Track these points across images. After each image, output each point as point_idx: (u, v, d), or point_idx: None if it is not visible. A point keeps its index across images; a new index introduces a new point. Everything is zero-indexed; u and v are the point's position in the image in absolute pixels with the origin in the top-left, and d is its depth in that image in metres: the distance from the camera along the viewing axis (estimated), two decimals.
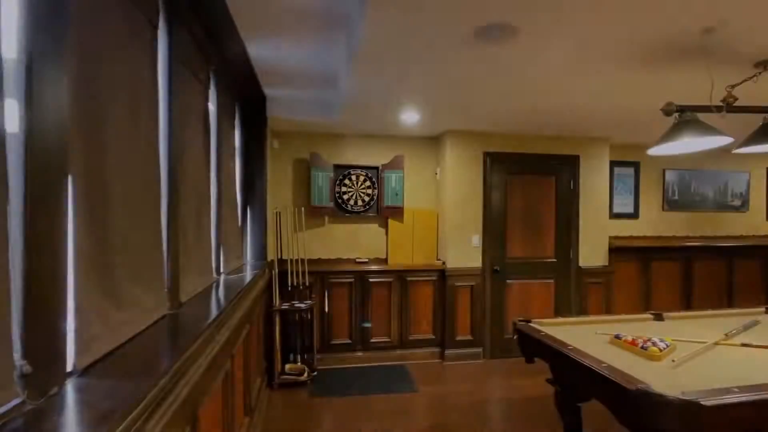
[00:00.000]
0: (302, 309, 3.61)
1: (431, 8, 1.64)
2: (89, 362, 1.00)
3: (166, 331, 1.41)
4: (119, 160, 1.21)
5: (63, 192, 0.91)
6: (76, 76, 0.99)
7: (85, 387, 0.89)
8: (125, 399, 0.84)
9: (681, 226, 5.05)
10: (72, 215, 0.95)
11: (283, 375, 3.46)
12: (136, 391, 0.89)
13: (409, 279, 4.09)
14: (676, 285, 4.74)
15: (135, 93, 1.32)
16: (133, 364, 1.07)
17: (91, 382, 0.92)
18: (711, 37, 1.88)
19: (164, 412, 1.01)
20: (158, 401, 1.00)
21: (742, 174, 5.20)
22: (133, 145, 1.30)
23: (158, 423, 0.95)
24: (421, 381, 3.59)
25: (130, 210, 1.28)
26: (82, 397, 0.85)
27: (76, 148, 0.97)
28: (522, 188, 4.23)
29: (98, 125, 1.09)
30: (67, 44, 0.95)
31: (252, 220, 3.38)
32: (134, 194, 1.31)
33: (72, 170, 0.95)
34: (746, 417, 1.46)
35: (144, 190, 1.38)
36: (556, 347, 2.04)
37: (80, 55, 1.02)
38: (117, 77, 1.20)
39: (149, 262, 1.41)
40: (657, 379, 1.58)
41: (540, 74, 2.41)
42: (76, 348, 0.95)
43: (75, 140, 0.97)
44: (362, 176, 4.24)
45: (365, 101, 3.02)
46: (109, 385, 0.91)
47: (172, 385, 1.09)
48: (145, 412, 0.90)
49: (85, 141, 1.02)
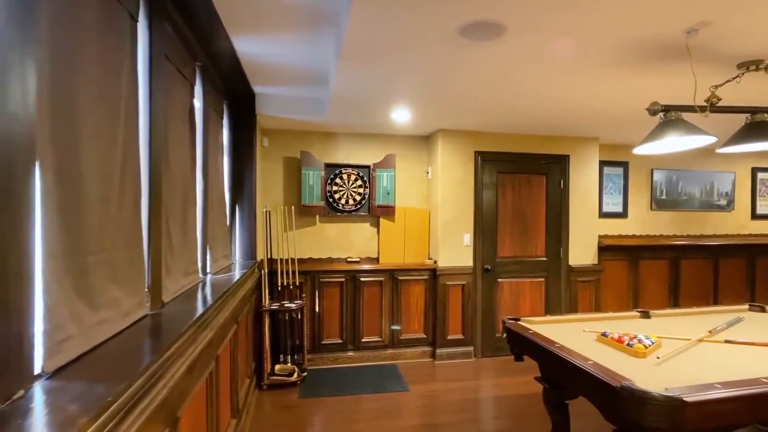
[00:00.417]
0: (292, 309, 3.58)
1: (416, 4, 1.63)
2: (60, 364, 0.97)
3: (146, 331, 1.38)
4: (94, 154, 1.17)
5: (29, 187, 0.88)
6: (45, 66, 0.96)
7: (54, 390, 0.87)
8: (95, 402, 0.82)
9: (668, 225, 5.11)
10: (41, 212, 0.92)
11: (272, 376, 3.43)
12: (107, 394, 0.86)
13: (401, 278, 4.08)
14: (663, 283, 4.79)
15: (112, 86, 1.29)
16: (108, 365, 1.04)
17: (60, 385, 0.89)
18: (695, 38, 1.89)
19: (139, 414, 0.99)
20: (132, 403, 0.97)
21: (728, 174, 5.27)
22: (110, 139, 1.27)
23: (132, 425, 0.93)
24: (413, 380, 3.58)
25: (108, 208, 1.25)
26: (50, 399, 0.82)
27: (44, 142, 0.94)
28: (513, 187, 4.24)
29: (70, 118, 1.06)
30: (36, 33, 0.92)
31: (241, 219, 3.35)
32: (112, 191, 1.28)
33: (40, 164, 0.93)
34: (728, 412, 1.47)
35: (122, 186, 1.35)
36: (543, 345, 2.04)
37: (50, 44, 0.99)
38: (92, 70, 1.17)
39: (128, 261, 1.38)
40: (641, 376, 1.58)
41: (528, 74, 2.41)
42: (46, 350, 0.92)
43: (43, 133, 0.94)
44: (353, 175, 4.22)
45: (354, 99, 3.00)
46: (80, 388, 0.88)
47: (148, 387, 1.06)
48: (117, 414, 0.87)
49: (55, 134, 0.99)
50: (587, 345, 2.04)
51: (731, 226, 5.30)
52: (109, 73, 1.27)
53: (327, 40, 2.30)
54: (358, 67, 2.34)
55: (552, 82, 2.56)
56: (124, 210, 1.36)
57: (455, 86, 2.68)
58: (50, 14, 0.99)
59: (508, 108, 3.22)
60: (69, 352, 1.01)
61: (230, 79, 2.91)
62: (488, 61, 2.23)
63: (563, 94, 2.84)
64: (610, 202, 4.91)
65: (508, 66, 2.30)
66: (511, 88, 2.72)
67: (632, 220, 4.99)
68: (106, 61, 1.26)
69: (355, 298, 4.00)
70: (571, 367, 1.79)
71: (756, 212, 5.38)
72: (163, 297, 1.67)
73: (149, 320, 1.49)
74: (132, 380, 0.98)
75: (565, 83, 2.59)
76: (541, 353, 2.09)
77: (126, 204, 1.38)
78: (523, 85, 2.65)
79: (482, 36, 1.91)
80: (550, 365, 2.10)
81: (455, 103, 3.12)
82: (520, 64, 2.26)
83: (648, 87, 2.63)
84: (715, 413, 1.46)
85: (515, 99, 2.97)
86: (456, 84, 2.63)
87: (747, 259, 5.04)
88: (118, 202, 1.33)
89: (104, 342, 1.20)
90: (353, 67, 2.32)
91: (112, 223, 1.29)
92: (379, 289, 4.05)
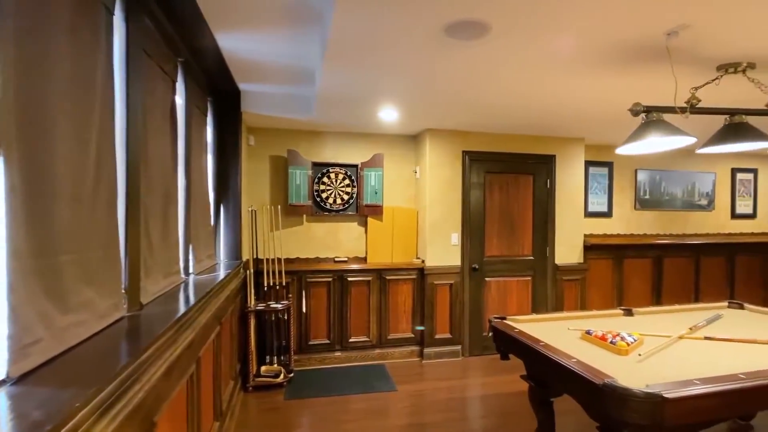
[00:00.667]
0: (278, 309, 3.54)
1: (401, 2, 1.61)
2: (27, 369, 0.93)
3: (122, 334, 1.34)
4: (66, 152, 1.14)
5: None
6: (11, 60, 0.92)
7: (19, 395, 0.83)
8: (62, 408, 0.79)
9: (652, 224, 5.19)
10: (5, 209, 0.88)
11: (258, 377, 3.39)
12: (76, 399, 0.83)
13: (389, 278, 4.07)
14: (647, 281, 4.87)
15: (86, 82, 1.25)
16: (79, 370, 1.01)
17: (26, 390, 0.86)
18: (675, 40, 1.91)
19: (111, 420, 0.96)
20: (103, 409, 0.94)
21: (709, 174, 5.38)
22: (83, 136, 1.23)
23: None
24: (400, 380, 3.57)
25: (81, 206, 1.21)
26: (14, 406, 0.79)
27: (9, 137, 0.90)
28: (500, 187, 4.27)
29: (38, 113, 1.02)
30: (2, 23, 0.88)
31: (226, 219, 3.30)
32: (85, 189, 1.24)
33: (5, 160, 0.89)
34: (707, 407, 1.49)
35: (97, 185, 1.31)
36: (528, 344, 2.05)
37: (18, 37, 0.95)
38: (63, 65, 1.13)
39: (104, 261, 1.34)
40: (623, 373, 1.60)
41: (513, 74, 2.42)
42: (11, 354, 0.88)
43: (8, 128, 0.90)
44: (341, 174, 4.19)
45: (340, 98, 2.97)
46: (47, 393, 0.85)
47: (121, 391, 1.03)
48: (86, 421, 0.84)
49: (22, 130, 0.95)
50: (571, 343, 2.05)
51: (712, 225, 5.41)
52: (82, 69, 1.23)
53: (312, 37, 2.28)
54: (343, 65, 2.32)
55: (537, 82, 2.58)
56: (99, 209, 1.32)
57: (442, 86, 2.68)
58: (17, 5, 0.95)
59: (495, 108, 3.24)
60: (37, 357, 0.97)
61: (214, 76, 2.87)
62: (474, 61, 2.23)
63: (548, 95, 2.86)
64: (595, 201, 4.97)
65: (494, 66, 2.30)
66: (497, 88, 2.72)
67: (617, 220, 5.06)
68: (80, 56, 1.22)
69: (343, 298, 3.98)
70: (556, 365, 1.80)
71: (735, 212, 5.50)
72: (141, 298, 1.63)
73: (126, 322, 1.45)
74: (103, 385, 0.95)
75: (550, 83, 2.61)
76: (526, 352, 2.10)
77: (101, 203, 1.33)
78: (509, 85, 2.66)
79: (467, 35, 1.90)
80: (535, 363, 2.11)
81: (442, 103, 3.12)
82: (505, 64, 2.27)
83: (630, 88, 2.66)
84: (695, 409, 1.48)
85: (501, 99, 2.98)
86: (442, 83, 2.63)
87: (727, 257, 5.15)
88: (93, 201, 1.29)
89: (77, 345, 1.16)
90: (338, 65, 2.30)
91: (86, 222, 1.25)
92: (366, 289, 4.04)
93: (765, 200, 5.64)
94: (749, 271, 5.24)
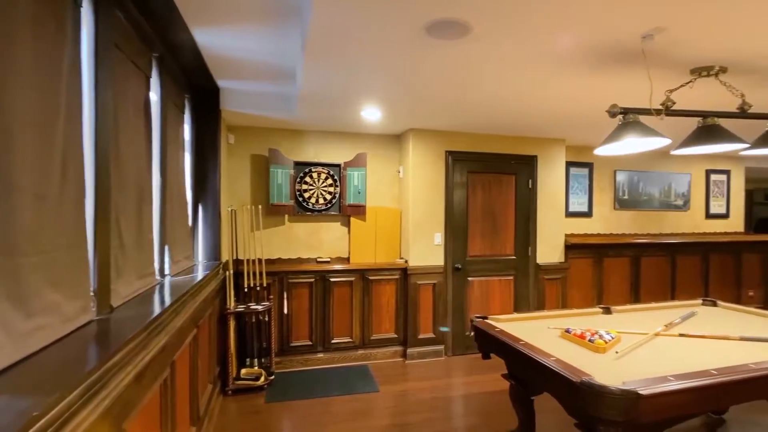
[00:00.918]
0: (259, 311, 3.48)
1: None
2: None
3: (90, 338, 1.28)
4: (27, 149, 1.08)
5: None
6: None
7: None
8: (18, 417, 0.74)
9: (630, 224, 5.31)
10: None
11: (237, 380, 3.32)
12: (34, 408, 0.79)
13: (372, 278, 4.05)
14: (625, 280, 4.98)
15: (50, 77, 1.19)
16: (40, 377, 0.96)
17: None
18: (650, 43, 1.95)
19: (74, 428, 0.91)
20: (66, 417, 0.90)
21: (684, 176, 5.53)
22: (47, 133, 1.17)
23: None
24: (383, 380, 3.56)
25: (45, 206, 1.16)
26: None
27: None
28: (483, 187, 4.29)
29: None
30: None
31: (204, 219, 3.22)
32: (50, 188, 1.18)
33: None
34: (681, 403, 1.52)
35: (63, 183, 1.25)
36: (509, 343, 2.06)
37: None
38: (25, 59, 1.08)
39: (70, 263, 1.28)
40: (601, 371, 1.62)
41: (493, 74, 2.43)
42: None
43: None
44: (324, 174, 4.16)
45: (322, 96, 2.94)
46: (3, 402, 0.80)
47: (86, 398, 0.99)
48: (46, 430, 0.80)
49: None
50: (551, 342, 2.07)
51: (687, 225, 5.57)
52: (46, 62, 1.18)
53: (293, 34, 2.24)
54: (323, 63, 2.29)
55: (518, 83, 2.60)
56: (65, 208, 1.27)
57: (424, 85, 2.67)
58: None
59: (477, 108, 3.25)
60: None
61: (192, 72, 2.80)
62: (455, 61, 2.23)
63: (529, 95, 2.88)
64: (576, 201, 5.06)
65: (475, 66, 2.31)
66: (478, 88, 2.73)
67: (597, 220, 5.16)
68: (44, 49, 1.16)
69: (325, 298, 3.94)
70: (535, 364, 1.82)
71: (709, 212, 5.68)
72: (112, 301, 1.57)
73: (95, 326, 1.39)
74: (65, 392, 0.91)
75: (530, 84, 2.63)
76: (506, 351, 2.11)
77: (67, 202, 1.28)
78: (490, 86, 2.67)
79: (448, 35, 1.90)
80: (515, 362, 2.13)
81: (425, 103, 3.11)
82: (486, 64, 2.27)
83: (609, 90, 2.71)
84: (669, 405, 1.51)
85: (483, 99, 2.99)
86: (424, 83, 2.62)
87: (701, 256, 5.31)
88: (58, 200, 1.23)
89: (39, 351, 1.10)
90: (319, 62, 2.27)
91: (51, 222, 1.19)
92: (349, 290, 4.01)
93: (737, 201, 5.84)
94: (722, 270, 5.41)
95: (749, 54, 2.11)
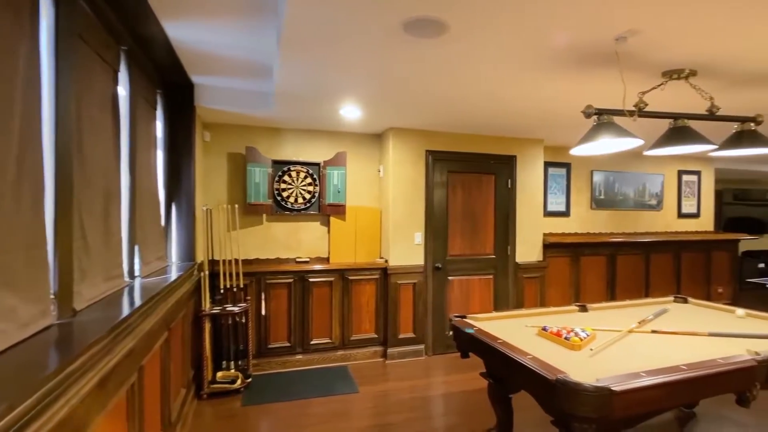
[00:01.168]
0: (235, 312, 3.41)
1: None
2: None
3: (49, 343, 1.22)
4: None
5: None
6: None
7: None
8: None
9: (606, 223, 5.44)
10: None
11: (213, 384, 3.24)
12: None
13: (351, 278, 4.02)
14: (602, 278, 5.09)
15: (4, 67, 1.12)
16: None
17: None
18: (623, 45, 1.99)
19: None
20: (18, 428, 0.84)
21: (658, 176, 5.70)
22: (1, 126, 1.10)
23: None
24: (363, 381, 3.53)
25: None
26: None
27: None
28: (463, 186, 4.31)
29: None
30: None
31: (178, 219, 3.13)
32: (4, 186, 1.11)
33: None
34: (653, 398, 1.55)
35: (19, 181, 1.18)
36: (486, 341, 2.07)
37: None
38: None
39: (26, 264, 1.21)
40: (576, 368, 1.64)
41: (470, 73, 2.43)
42: None
43: None
44: (303, 172, 4.10)
45: (299, 93, 2.90)
46: None
47: (41, 407, 0.93)
48: None
49: None
50: (528, 340, 2.09)
51: (660, 224, 5.74)
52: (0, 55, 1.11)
53: (269, 29, 2.19)
54: (300, 58, 2.25)
55: (495, 82, 2.61)
56: (22, 207, 1.20)
57: (402, 83, 2.66)
58: None
59: (456, 107, 3.26)
60: None
61: (165, 68, 2.71)
62: (433, 60, 2.23)
63: (506, 96, 2.90)
64: (554, 201, 5.14)
65: (453, 65, 2.31)
66: (456, 88, 2.74)
67: (574, 219, 5.26)
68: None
69: (304, 299, 3.89)
70: (512, 362, 1.82)
71: (681, 211, 5.86)
72: (75, 304, 1.50)
73: (55, 331, 1.32)
74: (16, 401, 0.85)
75: (507, 84, 2.65)
76: (484, 349, 2.11)
77: (24, 201, 1.21)
78: (468, 85, 2.68)
79: (426, 33, 1.89)
80: (493, 361, 2.13)
81: (404, 101, 3.10)
82: (463, 63, 2.28)
83: (584, 91, 2.75)
84: (642, 400, 1.53)
85: (461, 98, 3.00)
86: (403, 81, 2.61)
87: (673, 254, 5.48)
88: (13, 199, 1.16)
89: None
90: (295, 57, 2.23)
91: (5, 222, 1.12)
92: (329, 290, 3.97)
93: (708, 200, 6.05)
94: (693, 267, 5.60)
95: (718, 58, 2.18)
